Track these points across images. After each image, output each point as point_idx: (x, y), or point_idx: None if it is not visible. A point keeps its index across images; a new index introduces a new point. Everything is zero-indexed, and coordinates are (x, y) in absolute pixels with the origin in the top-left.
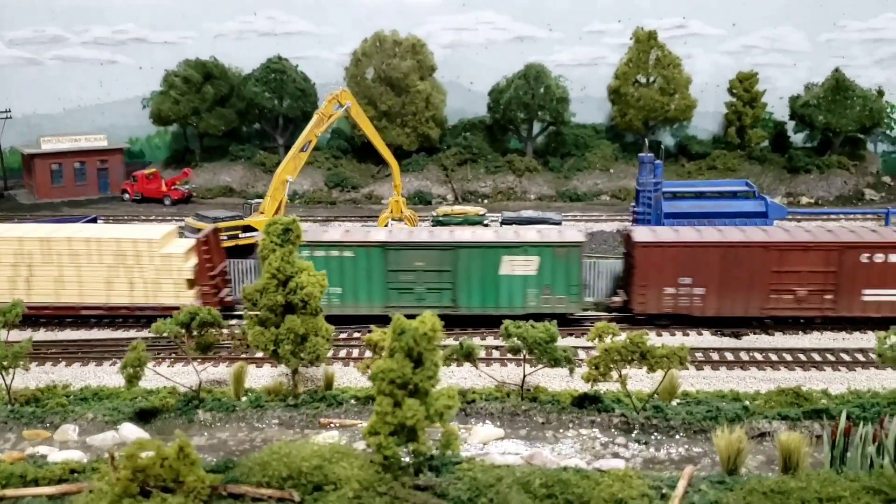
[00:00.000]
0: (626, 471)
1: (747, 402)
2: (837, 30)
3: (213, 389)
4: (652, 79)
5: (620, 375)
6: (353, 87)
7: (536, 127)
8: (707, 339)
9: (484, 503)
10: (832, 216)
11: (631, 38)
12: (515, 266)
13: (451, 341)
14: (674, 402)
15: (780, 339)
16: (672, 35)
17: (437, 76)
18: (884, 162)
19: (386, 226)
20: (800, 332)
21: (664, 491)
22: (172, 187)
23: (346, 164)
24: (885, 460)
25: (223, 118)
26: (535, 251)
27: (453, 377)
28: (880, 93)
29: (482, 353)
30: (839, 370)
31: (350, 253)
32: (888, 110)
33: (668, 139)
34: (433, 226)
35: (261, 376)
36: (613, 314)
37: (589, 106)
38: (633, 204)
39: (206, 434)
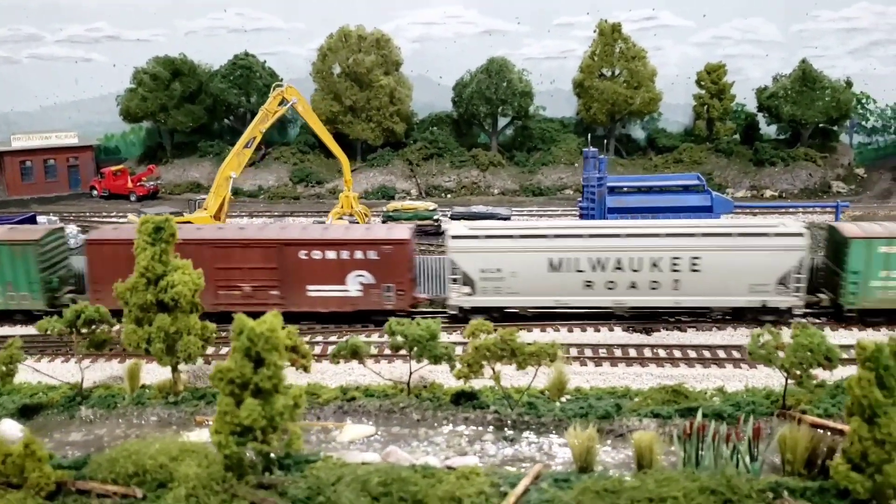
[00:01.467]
0: (472, 468)
1: (623, 400)
2: (810, 20)
3: (112, 385)
4: (617, 72)
5: (494, 372)
6: (320, 81)
7: (501, 121)
8: (618, 334)
9: (322, 501)
10: (788, 210)
11: (595, 31)
12: None
13: None
14: (563, 399)
15: (691, 336)
16: (642, 27)
17: (405, 71)
18: (859, 154)
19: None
20: (714, 328)
21: (503, 489)
22: (138, 184)
23: (312, 160)
24: (740, 462)
25: (191, 115)
26: None
27: (352, 374)
28: (848, 83)
29: (387, 350)
30: (741, 367)
31: None
32: (863, 101)
33: (638, 132)
34: (383, 221)
35: (164, 373)
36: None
37: (558, 99)
38: (579, 199)
39: (84, 430)
